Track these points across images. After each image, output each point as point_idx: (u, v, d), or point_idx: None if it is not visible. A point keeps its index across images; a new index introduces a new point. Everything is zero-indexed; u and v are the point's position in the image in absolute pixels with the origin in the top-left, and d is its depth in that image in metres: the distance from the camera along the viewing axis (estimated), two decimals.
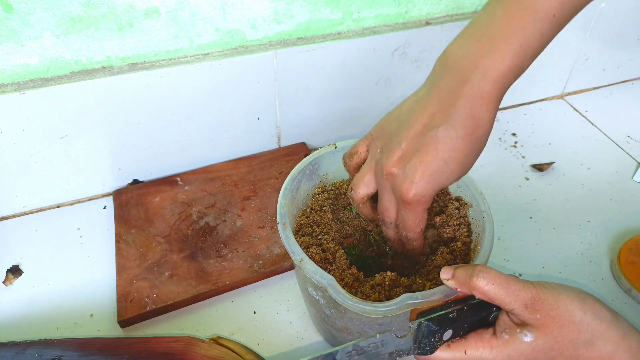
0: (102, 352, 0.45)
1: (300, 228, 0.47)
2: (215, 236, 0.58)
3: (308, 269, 0.39)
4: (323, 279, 0.38)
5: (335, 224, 0.48)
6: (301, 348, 0.50)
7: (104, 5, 0.50)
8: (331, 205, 0.49)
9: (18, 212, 0.62)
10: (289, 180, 0.46)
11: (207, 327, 0.51)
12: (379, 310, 0.37)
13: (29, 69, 0.52)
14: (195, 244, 0.57)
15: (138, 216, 0.60)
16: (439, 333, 0.36)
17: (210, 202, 0.62)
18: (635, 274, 0.55)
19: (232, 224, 0.59)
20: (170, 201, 0.62)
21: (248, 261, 0.55)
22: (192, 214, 0.60)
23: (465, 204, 0.47)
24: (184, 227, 0.59)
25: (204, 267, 0.54)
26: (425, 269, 0.43)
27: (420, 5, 0.65)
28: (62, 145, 0.57)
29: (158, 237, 0.57)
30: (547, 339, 0.34)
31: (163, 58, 0.57)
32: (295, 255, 0.40)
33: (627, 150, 0.74)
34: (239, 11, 0.56)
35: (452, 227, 0.46)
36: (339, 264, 0.43)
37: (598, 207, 0.65)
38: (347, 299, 0.37)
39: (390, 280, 0.41)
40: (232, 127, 0.65)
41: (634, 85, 0.88)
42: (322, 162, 0.50)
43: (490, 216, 0.44)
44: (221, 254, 0.56)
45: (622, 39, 0.80)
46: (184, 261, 0.55)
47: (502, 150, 0.74)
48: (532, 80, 0.80)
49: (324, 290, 0.38)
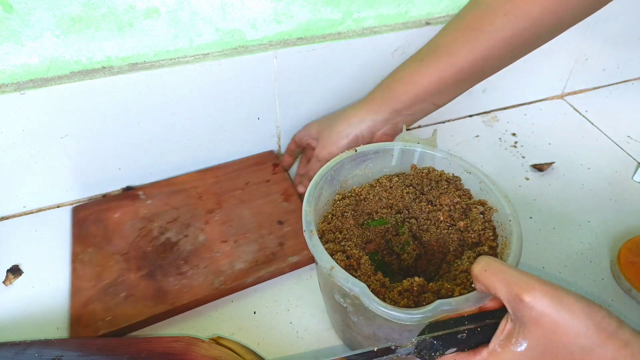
0: (102, 352, 0.45)
1: (322, 235, 0.46)
2: (176, 252, 0.55)
3: (339, 277, 0.38)
4: (355, 286, 0.38)
5: (357, 230, 0.48)
6: (301, 348, 0.50)
7: (104, 5, 0.50)
8: (352, 212, 0.49)
9: (18, 212, 0.62)
10: (312, 186, 0.46)
11: (207, 327, 0.51)
12: (414, 318, 0.36)
13: (29, 69, 0.52)
14: (155, 261, 0.54)
15: (96, 233, 0.57)
16: (441, 350, 0.35)
17: (172, 217, 0.59)
18: (635, 274, 0.55)
19: (195, 239, 0.57)
20: (131, 216, 0.59)
21: (209, 278, 0.53)
22: (153, 229, 0.58)
23: (490, 208, 0.47)
24: (144, 243, 0.56)
25: (162, 286, 0.52)
26: (452, 273, 0.43)
27: (420, 5, 0.65)
28: (62, 145, 0.57)
29: (116, 255, 0.55)
30: (539, 343, 0.32)
31: (163, 58, 0.57)
32: (325, 263, 0.40)
33: (627, 150, 0.74)
34: (239, 11, 0.56)
35: (477, 232, 0.46)
36: (363, 270, 0.42)
37: (598, 207, 0.65)
38: (380, 307, 0.37)
39: (418, 285, 0.40)
40: (232, 127, 0.65)
41: (634, 85, 0.88)
42: (343, 167, 0.50)
43: (517, 219, 0.43)
44: (181, 271, 0.53)
45: (622, 39, 0.80)
46: (142, 280, 0.52)
47: (502, 150, 0.74)
48: (532, 80, 0.80)
49: (354, 298, 0.38)
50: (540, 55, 0.77)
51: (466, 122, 0.79)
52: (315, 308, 0.53)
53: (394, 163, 0.52)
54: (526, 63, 0.76)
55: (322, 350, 0.49)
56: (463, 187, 0.50)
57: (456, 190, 0.49)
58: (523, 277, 0.33)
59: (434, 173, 0.51)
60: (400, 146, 0.51)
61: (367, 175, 0.53)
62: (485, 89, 0.77)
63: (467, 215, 0.47)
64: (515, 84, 0.79)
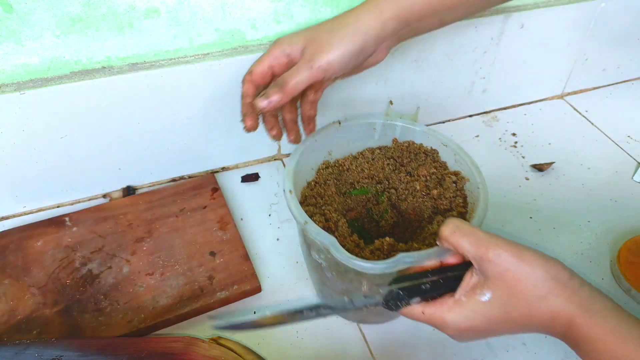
0: (102, 352, 0.45)
1: (305, 199, 0.50)
2: (97, 286, 0.52)
3: (311, 230, 0.42)
4: (325, 239, 0.41)
5: (338, 197, 0.51)
6: (301, 348, 0.50)
7: (104, 5, 0.50)
8: (335, 180, 0.52)
9: (18, 212, 0.62)
10: (296, 149, 0.50)
11: (207, 327, 0.51)
12: (377, 267, 0.39)
13: (29, 69, 0.52)
14: (73, 295, 0.51)
15: (15, 263, 0.54)
16: (406, 299, 0.38)
17: (97, 246, 0.56)
18: (635, 274, 0.55)
19: (118, 271, 0.53)
20: (53, 245, 0.56)
21: (128, 315, 0.50)
22: (76, 259, 0.54)
23: (462, 177, 0.50)
24: (64, 275, 0.53)
25: (78, 323, 0.49)
26: (422, 235, 0.46)
27: None
28: (62, 145, 0.57)
29: (33, 287, 0.52)
30: (502, 293, 0.36)
31: (163, 58, 0.57)
32: (300, 218, 0.43)
33: (627, 150, 0.74)
34: (239, 11, 0.56)
35: (449, 199, 0.49)
36: (341, 232, 0.45)
37: (598, 207, 0.65)
38: (347, 257, 0.40)
39: (388, 245, 0.43)
40: (232, 127, 0.64)
41: (634, 85, 0.88)
42: (325, 137, 0.53)
43: (486, 187, 0.47)
44: (99, 307, 0.50)
45: (622, 39, 0.80)
46: (57, 316, 0.49)
47: (502, 150, 0.74)
48: (532, 80, 0.80)
49: (327, 252, 0.41)
50: (541, 55, 0.77)
51: (466, 122, 0.79)
52: None
53: (377, 137, 0.56)
54: (526, 63, 0.76)
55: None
56: (440, 159, 0.53)
57: (433, 162, 0.53)
58: (488, 237, 0.37)
59: (414, 146, 0.55)
60: (383, 120, 0.55)
61: (351, 148, 0.56)
62: (485, 89, 0.77)
63: (441, 185, 0.51)
64: (515, 84, 0.79)
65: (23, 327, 0.49)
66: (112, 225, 0.58)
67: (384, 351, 0.50)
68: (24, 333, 0.48)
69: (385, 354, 0.50)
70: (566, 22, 0.74)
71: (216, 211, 0.61)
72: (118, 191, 0.64)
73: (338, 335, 0.51)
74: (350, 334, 0.51)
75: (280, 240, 0.60)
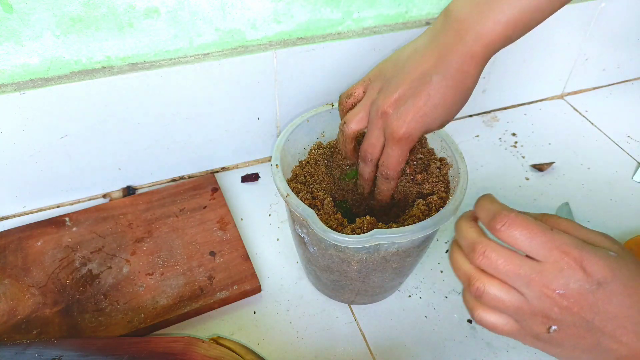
0: (102, 352, 0.45)
1: (294, 177, 0.51)
2: (97, 286, 0.52)
3: (292, 203, 0.43)
4: (304, 211, 0.42)
5: (327, 178, 0.53)
6: (301, 348, 0.50)
7: (104, 5, 0.50)
8: (325, 161, 0.53)
9: (18, 212, 0.62)
10: (287, 128, 0.51)
11: (207, 327, 0.51)
12: (350, 240, 0.41)
13: (29, 69, 0.52)
14: (73, 295, 0.51)
15: (15, 263, 0.54)
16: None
17: (97, 246, 0.56)
18: None
19: (118, 271, 0.54)
20: (53, 245, 0.56)
21: (128, 315, 0.50)
22: (75, 259, 0.54)
23: (446, 164, 0.51)
24: (64, 275, 0.53)
25: (77, 323, 0.49)
26: (402, 217, 0.47)
27: (420, 5, 0.65)
28: (62, 145, 0.57)
29: (33, 288, 0.52)
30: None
31: (163, 58, 0.57)
32: (282, 190, 0.44)
33: (627, 150, 0.74)
34: (239, 11, 0.56)
35: (432, 184, 0.50)
36: (326, 209, 0.46)
37: (598, 207, 0.65)
38: (323, 230, 0.41)
39: (369, 223, 0.44)
40: (232, 127, 0.65)
41: (634, 85, 0.88)
42: (318, 119, 0.54)
43: (466, 173, 0.48)
44: (99, 307, 0.50)
45: (622, 39, 0.80)
46: (57, 316, 0.49)
47: (502, 150, 0.74)
48: (532, 80, 0.80)
49: (308, 226, 0.42)
50: (540, 55, 0.77)
51: (466, 122, 0.79)
52: (316, 308, 0.53)
53: None
54: (526, 63, 0.76)
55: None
56: (428, 145, 0.54)
57: (421, 148, 0.53)
58: (503, 208, 0.34)
59: None
60: None
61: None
62: (485, 89, 0.77)
63: (426, 170, 0.51)
64: (515, 84, 0.79)
65: (23, 327, 0.49)
66: (112, 225, 0.59)
67: (384, 351, 0.50)
68: (24, 333, 0.48)
69: (385, 354, 0.50)
70: (566, 22, 0.74)
71: (216, 211, 0.61)
72: (118, 191, 0.64)
73: (338, 335, 0.51)
74: (351, 334, 0.51)
75: (280, 240, 0.60)
